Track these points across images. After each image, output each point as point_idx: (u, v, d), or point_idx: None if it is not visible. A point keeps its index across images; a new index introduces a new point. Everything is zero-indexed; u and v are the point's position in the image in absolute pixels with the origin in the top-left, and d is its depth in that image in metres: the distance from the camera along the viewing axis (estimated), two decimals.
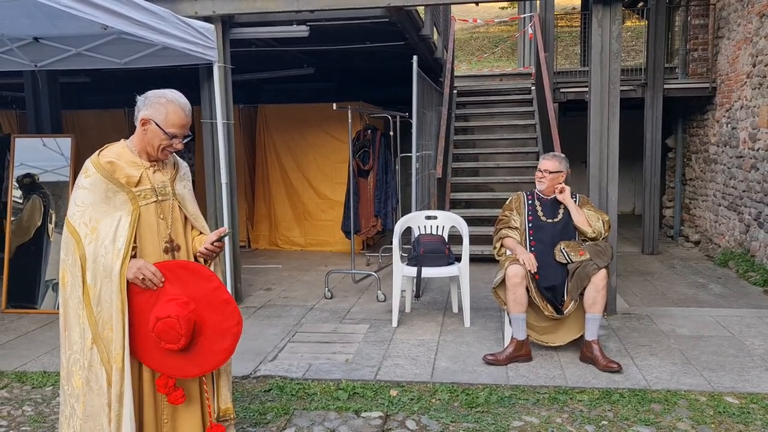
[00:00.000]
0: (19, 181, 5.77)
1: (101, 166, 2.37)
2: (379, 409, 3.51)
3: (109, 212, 2.36)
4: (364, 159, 7.23)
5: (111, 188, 2.37)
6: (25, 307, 5.53)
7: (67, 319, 2.36)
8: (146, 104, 2.42)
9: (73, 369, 2.35)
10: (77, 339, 2.33)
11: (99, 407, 2.32)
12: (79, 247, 2.31)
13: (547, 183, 4.37)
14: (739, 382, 3.82)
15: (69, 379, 2.37)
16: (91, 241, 2.32)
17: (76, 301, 2.32)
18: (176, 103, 2.42)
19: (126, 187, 2.39)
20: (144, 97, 2.45)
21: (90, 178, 2.36)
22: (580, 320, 4.20)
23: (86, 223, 2.33)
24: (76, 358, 2.34)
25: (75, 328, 2.34)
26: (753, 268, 6.81)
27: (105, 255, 2.31)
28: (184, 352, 2.38)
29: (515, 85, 11.14)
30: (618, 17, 5.04)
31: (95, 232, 2.33)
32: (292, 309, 5.57)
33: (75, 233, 2.33)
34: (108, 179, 2.36)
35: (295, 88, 10.40)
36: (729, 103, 8.06)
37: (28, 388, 3.89)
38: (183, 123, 2.43)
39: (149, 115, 2.41)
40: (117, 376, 2.31)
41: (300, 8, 5.32)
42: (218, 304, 2.43)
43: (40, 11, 4.13)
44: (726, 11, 8.26)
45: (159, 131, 2.40)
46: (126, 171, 2.40)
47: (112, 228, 2.34)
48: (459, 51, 18.34)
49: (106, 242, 2.32)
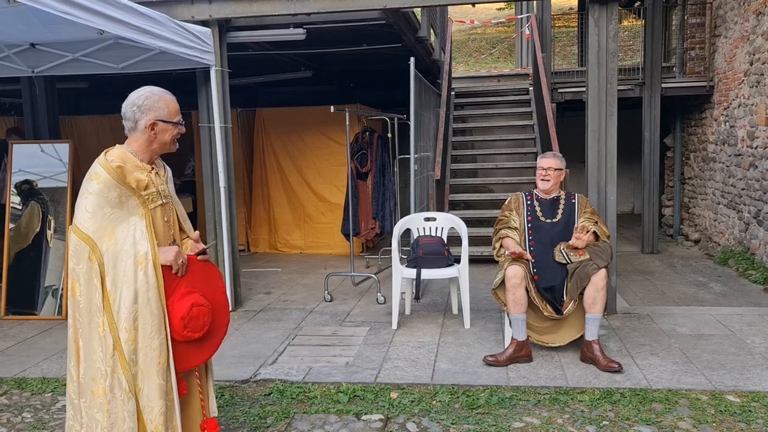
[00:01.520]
0: (17, 187, 5.76)
1: (113, 170, 2.34)
2: (379, 411, 3.50)
3: (123, 217, 2.35)
4: (362, 161, 7.23)
5: (124, 192, 2.35)
6: (24, 313, 5.51)
7: (80, 329, 2.32)
8: (143, 111, 2.43)
9: (95, 377, 2.30)
10: (97, 348, 2.29)
11: (122, 415, 2.30)
12: (95, 254, 2.27)
13: (552, 180, 4.36)
14: (740, 380, 3.81)
15: (84, 391, 2.32)
16: (108, 247, 2.29)
17: (94, 309, 2.29)
18: (165, 94, 2.51)
19: (137, 192, 2.39)
20: (133, 104, 2.43)
21: (102, 183, 2.32)
22: (580, 320, 4.19)
23: (100, 229, 2.30)
24: (98, 367, 2.29)
25: (93, 337, 2.29)
26: (753, 266, 6.81)
27: (126, 260, 2.29)
28: (196, 342, 2.49)
29: (513, 86, 11.14)
30: (614, 17, 5.04)
31: (113, 237, 2.30)
32: (292, 312, 5.56)
33: (88, 240, 2.28)
34: (120, 183, 2.35)
35: (293, 91, 10.41)
36: (727, 101, 8.06)
37: (27, 394, 3.87)
38: (178, 108, 2.55)
39: (153, 117, 2.43)
40: (163, 377, 2.37)
41: (296, 11, 5.32)
42: (220, 302, 2.62)
43: (36, 17, 4.14)
44: (723, 9, 8.27)
45: (168, 126, 2.48)
46: (135, 175, 2.41)
47: (130, 233, 2.33)
48: (456, 52, 18.36)
49: (126, 246, 2.31)
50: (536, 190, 4.49)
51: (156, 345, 2.33)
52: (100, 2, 3.68)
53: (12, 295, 5.59)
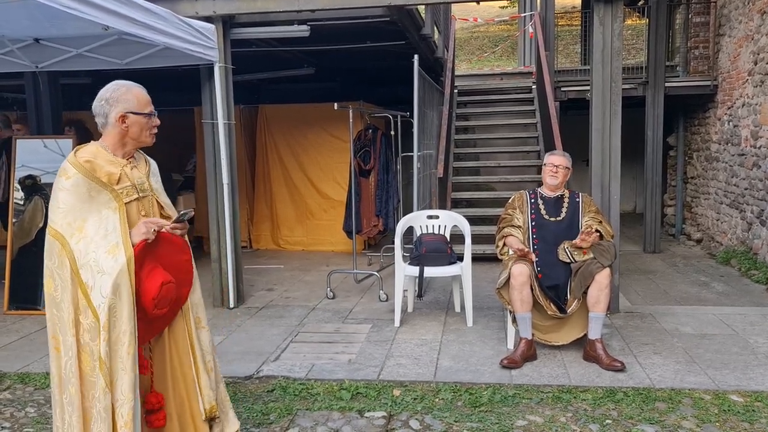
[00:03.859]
0: (21, 182, 5.76)
1: (81, 165, 2.35)
2: (382, 409, 3.51)
3: (94, 211, 2.34)
4: (365, 159, 7.22)
5: (93, 187, 2.35)
6: (27, 308, 5.52)
7: (57, 324, 2.31)
8: (111, 104, 2.44)
9: (70, 374, 2.28)
10: (71, 343, 2.28)
11: (97, 411, 2.28)
12: (65, 249, 2.28)
13: (560, 178, 4.36)
14: (743, 380, 3.81)
15: (65, 387, 2.31)
16: (78, 240, 2.29)
17: (68, 304, 2.28)
18: (133, 86, 2.50)
19: (108, 186, 2.38)
20: (101, 99, 2.46)
21: (71, 179, 2.32)
22: (584, 319, 4.19)
23: (70, 224, 2.30)
24: (72, 362, 2.28)
25: (68, 332, 2.28)
26: (755, 266, 6.80)
27: (96, 251, 2.28)
28: (160, 316, 2.47)
29: (516, 84, 11.13)
30: (619, 15, 5.02)
31: (82, 230, 2.30)
32: (294, 309, 5.56)
33: (58, 235, 2.29)
34: (89, 178, 2.35)
35: (296, 88, 10.39)
36: (730, 100, 8.04)
37: (30, 389, 3.88)
38: (149, 99, 2.54)
39: (122, 109, 2.44)
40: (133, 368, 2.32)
41: (301, 8, 5.31)
42: (184, 274, 2.60)
43: (40, 12, 4.12)
44: (727, 9, 8.25)
45: (139, 117, 2.47)
46: (106, 169, 2.40)
47: (102, 225, 2.32)
48: (459, 50, 18.33)
49: (97, 238, 2.30)
50: (541, 188, 4.49)
51: (127, 336, 2.30)
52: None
53: (15, 290, 5.59)
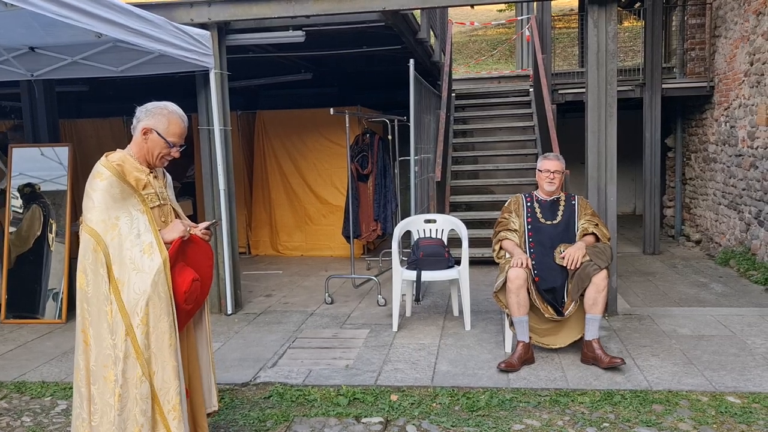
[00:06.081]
0: (19, 190, 5.76)
1: (114, 167, 2.47)
2: (379, 414, 3.50)
3: (124, 210, 2.45)
4: (363, 163, 7.23)
5: (125, 190, 2.47)
6: (25, 317, 5.51)
7: (88, 318, 2.42)
8: (147, 114, 2.56)
9: (106, 364, 2.40)
10: (106, 335, 2.39)
11: (133, 398, 2.40)
12: (100, 245, 2.38)
13: (557, 184, 4.36)
14: (740, 381, 3.79)
15: (96, 378, 2.42)
16: (113, 237, 2.40)
17: (102, 298, 2.39)
18: (177, 114, 2.60)
19: (137, 190, 2.51)
20: (144, 108, 2.58)
21: (105, 180, 2.44)
22: (581, 322, 4.18)
23: (104, 221, 2.40)
24: (108, 353, 2.40)
25: (102, 325, 2.40)
26: (754, 266, 6.80)
27: (131, 249, 2.40)
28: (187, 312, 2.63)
29: (513, 88, 11.14)
30: (613, 17, 5.03)
31: (116, 228, 2.41)
32: (293, 315, 5.55)
33: (93, 232, 2.39)
34: (122, 180, 2.47)
35: (293, 93, 10.41)
36: (727, 101, 8.05)
37: (27, 398, 3.87)
38: (182, 133, 2.62)
39: (151, 124, 2.54)
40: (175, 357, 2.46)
41: (296, 14, 5.32)
42: (207, 277, 2.77)
43: (35, 21, 4.14)
44: (722, 10, 8.26)
45: (160, 140, 2.55)
46: (134, 174, 2.53)
47: (135, 225, 2.44)
48: (457, 54, 18.36)
49: (131, 237, 2.42)
50: (537, 192, 4.48)
51: (165, 327, 2.43)
52: (97, 5, 3.67)
53: (12, 299, 5.59)
